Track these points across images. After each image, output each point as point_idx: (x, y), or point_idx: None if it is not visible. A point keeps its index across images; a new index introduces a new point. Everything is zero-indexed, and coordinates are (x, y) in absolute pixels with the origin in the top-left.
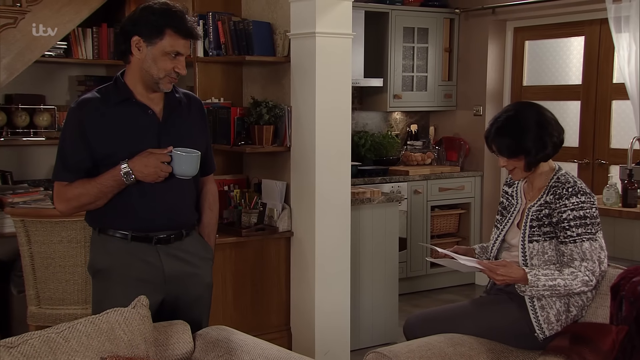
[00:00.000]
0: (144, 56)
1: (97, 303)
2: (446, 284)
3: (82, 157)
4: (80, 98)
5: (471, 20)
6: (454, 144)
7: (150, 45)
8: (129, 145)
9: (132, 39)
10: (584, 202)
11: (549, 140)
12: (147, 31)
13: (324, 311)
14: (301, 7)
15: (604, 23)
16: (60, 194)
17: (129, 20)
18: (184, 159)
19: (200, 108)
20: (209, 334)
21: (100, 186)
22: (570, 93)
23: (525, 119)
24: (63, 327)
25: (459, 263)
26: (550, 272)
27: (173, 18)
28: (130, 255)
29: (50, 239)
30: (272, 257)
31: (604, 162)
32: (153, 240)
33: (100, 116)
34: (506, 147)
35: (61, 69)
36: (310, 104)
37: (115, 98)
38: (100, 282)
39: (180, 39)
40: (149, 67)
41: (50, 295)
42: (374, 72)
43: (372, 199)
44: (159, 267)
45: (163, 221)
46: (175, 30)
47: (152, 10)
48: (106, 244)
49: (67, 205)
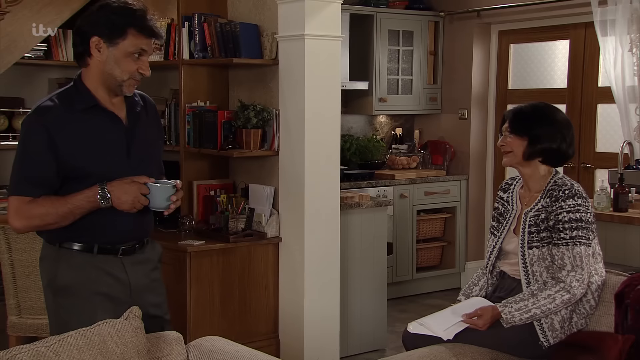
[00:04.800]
0: (105, 58)
1: (61, 322)
2: (433, 288)
3: (49, 170)
4: (38, 105)
5: (456, 23)
6: (439, 148)
7: (112, 46)
8: (99, 157)
9: (91, 40)
10: (580, 205)
11: (561, 140)
12: (108, 31)
13: (313, 318)
14: (289, 9)
15: (589, 26)
16: (21, 211)
17: (86, 20)
18: (161, 191)
19: (155, 108)
20: (202, 344)
21: (72, 207)
22: (556, 96)
23: (553, 112)
24: (53, 340)
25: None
26: (523, 305)
27: (135, 17)
28: (96, 269)
29: (31, 246)
30: (260, 264)
31: (590, 165)
32: (119, 252)
33: (66, 125)
34: (520, 121)
35: (41, 71)
36: (299, 107)
37: (80, 105)
38: (65, 298)
39: (144, 39)
40: (111, 69)
41: (31, 304)
42: (359, 75)
43: (361, 203)
44: (124, 280)
45: (132, 232)
46: (138, 29)
47: (112, 9)
48: (70, 259)
49: (26, 223)
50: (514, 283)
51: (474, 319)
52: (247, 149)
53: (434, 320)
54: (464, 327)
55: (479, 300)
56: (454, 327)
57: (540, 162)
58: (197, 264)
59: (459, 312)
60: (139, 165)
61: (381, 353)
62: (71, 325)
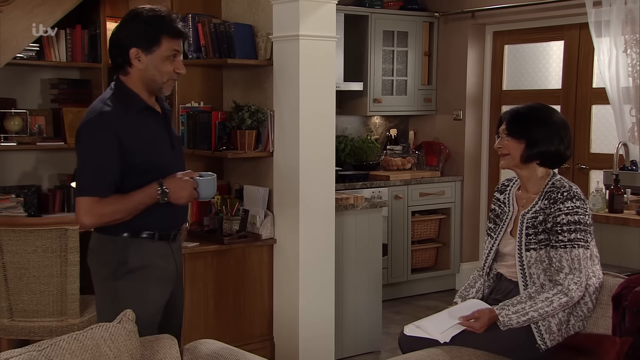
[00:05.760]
0: (145, 65)
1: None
2: (427, 289)
3: (117, 171)
4: (99, 111)
5: (450, 24)
6: (433, 149)
7: (150, 54)
8: (156, 153)
9: (130, 52)
10: (579, 207)
11: (559, 142)
12: (144, 42)
13: (308, 320)
14: (284, 9)
15: (584, 27)
16: (93, 210)
17: (122, 33)
18: (210, 183)
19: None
20: (197, 348)
21: (135, 204)
22: (550, 97)
23: (550, 114)
24: (45, 344)
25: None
26: (521, 307)
27: (165, 23)
28: (156, 254)
29: (24, 248)
30: (254, 265)
31: (584, 166)
32: (170, 238)
33: (128, 126)
34: (517, 123)
35: (33, 72)
36: (294, 108)
37: (135, 107)
38: (132, 282)
39: (176, 41)
40: (152, 75)
41: (23, 307)
42: (354, 76)
43: (356, 204)
44: (173, 263)
45: (182, 220)
46: (170, 34)
47: (143, 19)
48: (138, 246)
49: (97, 221)
50: (511, 285)
51: (471, 321)
52: (242, 150)
53: (430, 323)
54: (461, 329)
55: (476, 302)
56: (451, 330)
57: (538, 165)
58: (191, 265)
59: (455, 315)
60: (179, 157)
61: (376, 355)
62: (137, 306)
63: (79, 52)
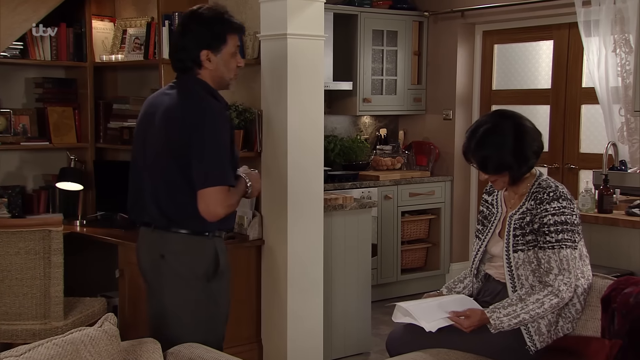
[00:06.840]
0: (215, 65)
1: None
2: (417, 290)
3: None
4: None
5: (440, 23)
6: (423, 149)
7: (218, 53)
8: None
9: (201, 54)
10: (565, 208)
11: (530, 150)
12: (213, 42)
13: (297, 322)
14: (271, 7)
15: (573, 27)
16: (227, 200)
17: (188, 38)
18: None
19: None
20: (181, 352)
21: (239, 197)
22: (540, 97)
23: (504, 132)
24: (23, 349)
25: (424, 324)
26: (512, 310)
27: (227, 22)
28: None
29: (6, 250)
30: (242, 267)
31: (574, 166)
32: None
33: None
34: (489, 164)
35: (17, 71)
36: (282, 107)
37: (224, 101)
38: (220, 282)
39: (237, 35)
40: (222, 73)
41: (5, 310)
42: (343, 76)
43: (345, 205)
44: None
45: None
46: (233, 31)
47: (207, 20)
48: (221, 245)
49: (228, 211)
50: (499, 286)
51: (461, 318)
52: None
53: (419, 310)
54: (449, 324)
55: (470, 300)
56: (439, 322)
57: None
58: None
59: (446, 308)
60: None
61: (365, 356)
62: (221, 306)
63: (64, 50)
